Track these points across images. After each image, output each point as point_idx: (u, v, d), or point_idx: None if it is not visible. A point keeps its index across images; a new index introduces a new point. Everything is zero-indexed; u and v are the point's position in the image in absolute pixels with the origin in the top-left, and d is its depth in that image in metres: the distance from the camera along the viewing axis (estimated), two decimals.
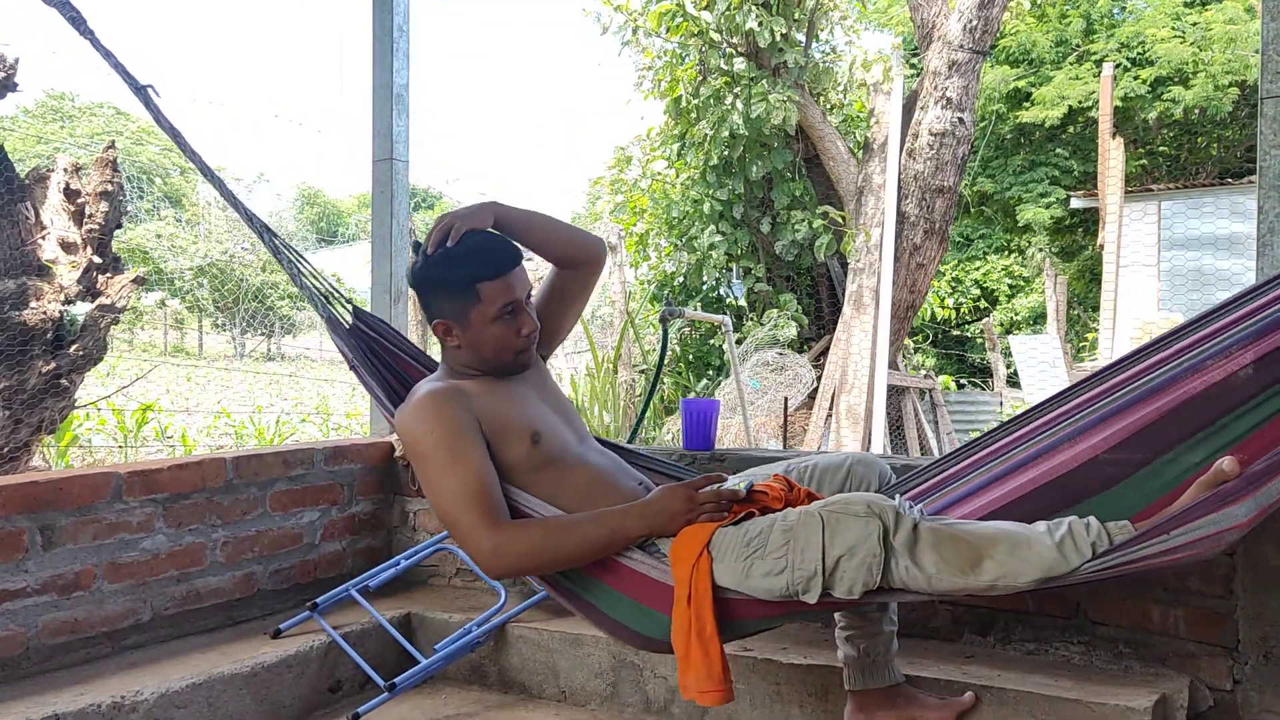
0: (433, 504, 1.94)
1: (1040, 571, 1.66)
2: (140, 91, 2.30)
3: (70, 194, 4.94)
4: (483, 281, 2.01)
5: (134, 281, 5.07)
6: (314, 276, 2.44)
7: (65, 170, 4.96)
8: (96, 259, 4.89)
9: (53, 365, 4.60)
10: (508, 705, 2.64)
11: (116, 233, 5.12)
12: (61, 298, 4.67)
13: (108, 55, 2.30)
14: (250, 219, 2.45)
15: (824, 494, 2.08)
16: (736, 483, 2.01)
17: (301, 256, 2.44)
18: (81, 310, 4.69)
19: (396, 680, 2.47)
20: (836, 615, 2.17)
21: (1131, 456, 1.80)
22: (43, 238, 4.80)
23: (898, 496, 1.92)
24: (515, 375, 2.12)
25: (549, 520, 1.93)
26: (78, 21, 2.26)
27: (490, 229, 2.11)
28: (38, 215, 4.83)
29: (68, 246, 4.87)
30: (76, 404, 5.24)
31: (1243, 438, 1.71)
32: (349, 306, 2.43)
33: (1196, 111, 16.07)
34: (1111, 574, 1.63)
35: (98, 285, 4.87)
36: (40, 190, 4.89)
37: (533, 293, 2.15)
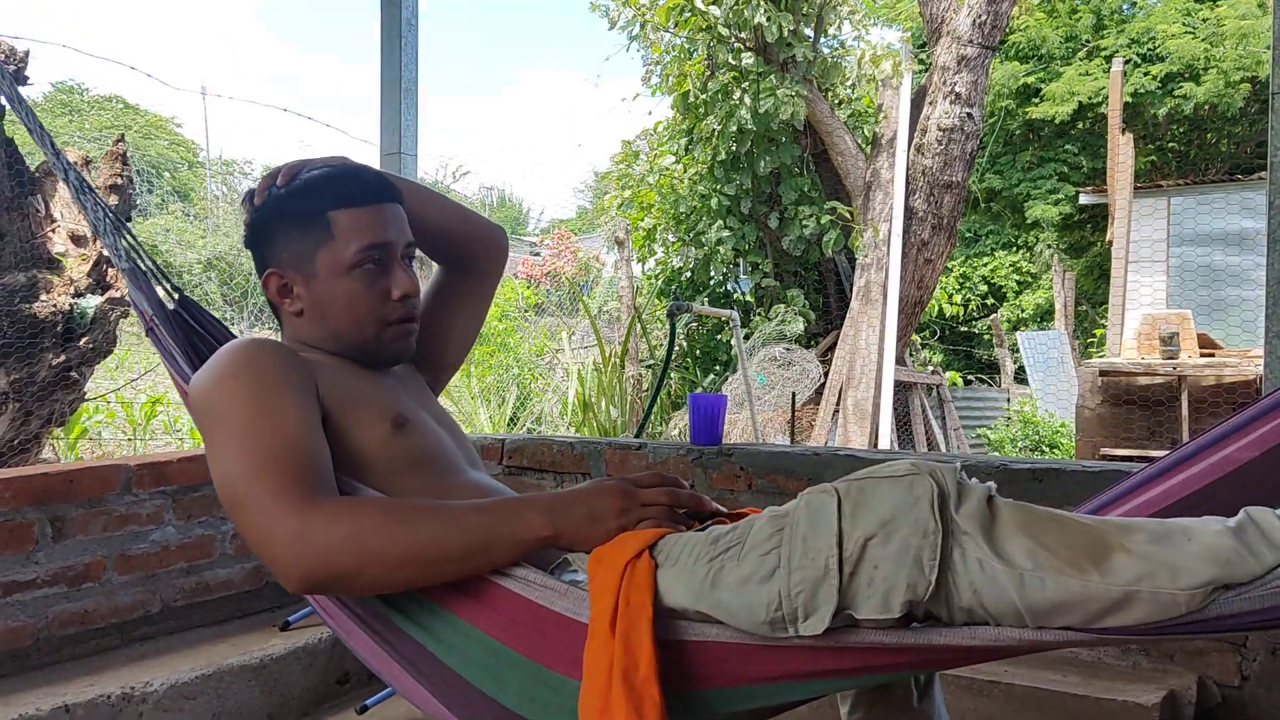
0: (216, 482, 1.28)
1: (1214, 567, 0.93)
2: None
3: None
4: (337, 210, 1.40)
5: None
6: (134, 251, 1.73)
7: (75, 164, 4.98)
8: (106, 252, 4.91)
9: (62, 358, 4.62)
10: None
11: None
12: (71, 291, 4.69)
13: None
14: (56, 158, 1.80)
15: None
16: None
17: (124, 226, 1.80)
18: (91, 303, 4.71)
19: None
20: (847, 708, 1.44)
21: None
22: (53, 231, 4.82)
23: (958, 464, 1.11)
24: (385, 366, 1.50)
25: (397, 500, 1.26)
26: None
27: None
28: (48, 208, 4.85)
29: (78, 240, 4.89)
30: (86, 396, 5.26)
31: None
32: (175, 296, 1.73)
33: (1207, 108, 16.03)
34: None
35: (107, 278, 4.89)
36: (50, 183, 4.91)
37: (415, 253, 1.55)
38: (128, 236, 1.76)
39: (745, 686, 1.13)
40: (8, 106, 4.67)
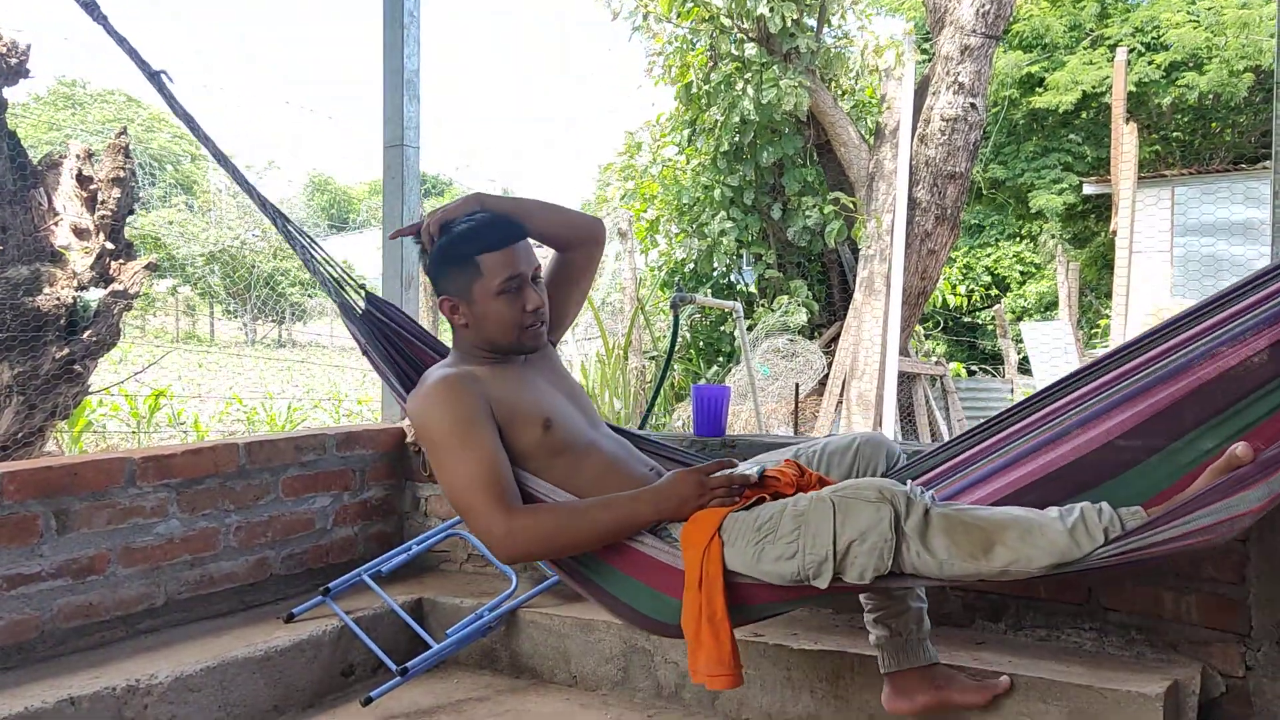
0: (445, 490, 1.94)
1: (1052, 557, 1.64)
2: (154, 78, 2.31)
3: (83, 180, 4.96)
4: (484, 254, 2.01)
5: (146, 268, 5.09)
6: (327, 263, 2.44)
7: (78, 157, 4.97)
8: (109, 245, 4.91)
9: (66, 351, 4.62)
10: (519, 690, 2.65)
11: (129, 219, 5.13)
12: (75, 284, 4.69)
13: (121, 41, 2.30)
14: (264, 205, 2.48)
15: (833, 476, 2.10)
16: (748, 469, 2.00)
17: (315, 242, 2.45)
18: (95, 296, 4.71)
19: (409, 664, 2.48)
20: (863, 598, 2.15)
21: (1144, 442, 1.77)
22: (56, 224, 4.81)
23: (909, 482, 1.92)
24: (525, 357, 2.12)
25: (561, 506, 1.93)
26: (90, 7, 2.26)
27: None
28: (50, 201, 4.84)
29: (81, 233, 4.89)
30: (90, 390, 5.27)
31: (1257, 424, 1.68)
32: (362, 292, 2.43)
33: (1211, 97, 15.95)
34: (1124, 560, 1.61)
35: (110, 271, 4.89)
36: (53, 176, 4.91)
37: (540, 273, 2.13)
38: (320, 257, 2.43)
39: (776, 602, 1.92)
40: (9, 100, 4.62)
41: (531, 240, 2.13)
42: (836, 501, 1.76)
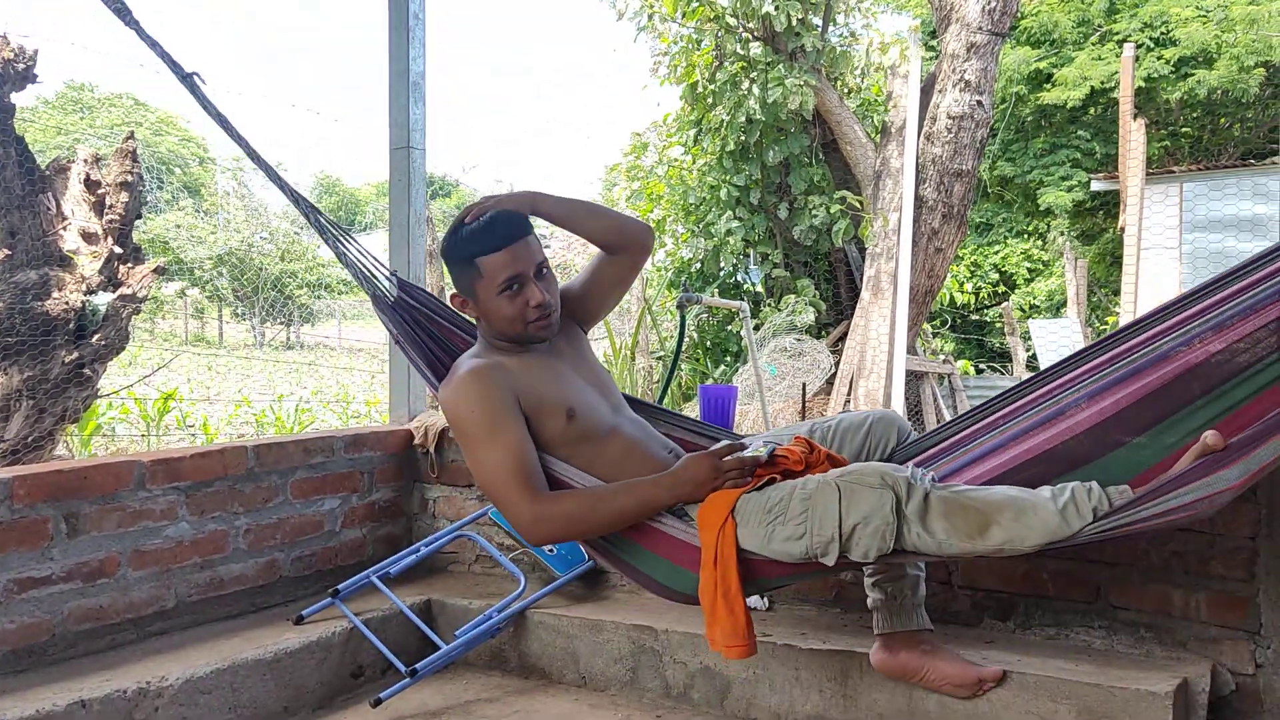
0: (476, 477, 2.09)
1: (1044, 536, 1.77)
2: (187, 79, 2.33)
3: (91, 185, 4.98)
4: (481, 256, 2.09)
5: (154, 271, 5.11)
6: (360, 254, 2.50)
7: (85, 161, 4.99)
8: (117, 249, 4.93)
9: (75, 355, 4.64)
10: (528, 691, 2.66)
11: (137, 223, 5.15)
12: (83, 288, 4.71)
13: (154, 45, 2.30)
14: (297, 200, 2.57)
15: (845, 452, 2.25)
16: (758, 447, 2.11)
17: (347, 234, 2.50)
18: (103, 300, 4.73)
19: (418, 666, 2.49)
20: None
21: (1133, 423, 1.87)
22: (64, 228, 4.84)
23: (909, 465, 2.00)
24: (543, 345, 2.20)
25: (585, 491, 2.06)
26: (122, 12, 2.27)
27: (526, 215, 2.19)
28: (59, 206, 4.87)
29: (89, 237, 4.91)
30: (99, 393, 5.29)
31: (1237, 406, 1.78)
32: (394, 280, 2.51)
33: (1220, 92, 15.88)
34: (1110, 536, 1.75)
35: (119, 275, 4.91)
36: (61, 181, 4.93)
37: (547, 265, 2.17)
38: (353, 248, 2.50)
39: (786, 576, 2.08)
40: (17, 105, 4.64)
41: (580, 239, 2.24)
42: (842, 486, 1.89)
